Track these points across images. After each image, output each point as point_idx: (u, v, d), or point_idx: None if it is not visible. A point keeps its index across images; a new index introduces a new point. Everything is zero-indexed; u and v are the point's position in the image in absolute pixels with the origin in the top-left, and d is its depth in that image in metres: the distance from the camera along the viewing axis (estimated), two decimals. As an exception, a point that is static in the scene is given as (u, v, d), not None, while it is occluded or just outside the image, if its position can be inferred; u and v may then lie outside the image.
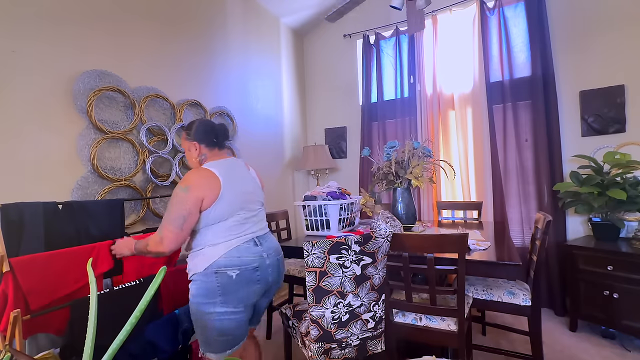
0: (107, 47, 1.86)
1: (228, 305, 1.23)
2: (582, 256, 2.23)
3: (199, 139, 1.37)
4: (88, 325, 0.49)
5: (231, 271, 1.23)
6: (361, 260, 1.30)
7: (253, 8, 3.10)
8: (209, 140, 1.38)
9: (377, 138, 3.45)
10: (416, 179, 2.01)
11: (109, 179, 1.80)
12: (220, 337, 1.24)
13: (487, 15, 2.88)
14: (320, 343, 1.31)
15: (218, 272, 1.22)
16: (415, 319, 1.46)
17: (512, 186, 2.82)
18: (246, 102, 2.96)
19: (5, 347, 0.56)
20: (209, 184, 1.24)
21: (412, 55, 3.23)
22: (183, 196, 1.20)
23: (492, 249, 1.60)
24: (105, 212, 1.55)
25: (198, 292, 1.24)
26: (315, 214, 2.05)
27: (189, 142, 1.38)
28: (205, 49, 2.53)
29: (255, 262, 1.28)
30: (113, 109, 1.87)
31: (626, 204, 2.17)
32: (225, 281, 1.22)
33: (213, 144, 1.39)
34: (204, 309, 1.23)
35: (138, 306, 0.49)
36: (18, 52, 1.50)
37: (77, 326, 1.20)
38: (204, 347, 1.28)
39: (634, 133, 2.41)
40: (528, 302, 1.61)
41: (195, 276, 1.26)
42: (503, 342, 2.18)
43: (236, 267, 1.24)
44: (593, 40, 2.55)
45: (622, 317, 2.02)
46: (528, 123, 2.77)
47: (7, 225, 1.21)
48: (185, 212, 1.19)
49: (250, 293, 1.28)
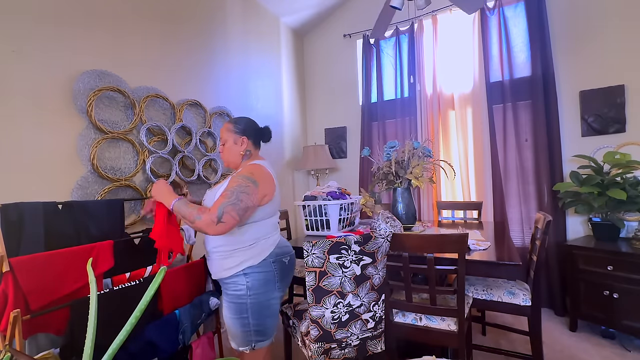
0: (107, 47, 1.86)
1: (282, 289, 1.38)
2: (582, 256, 2.23)
3: (249, 134, 1.44)
4: (88, 325, 0.49)
5: (284, 258, 1.39)
6: (361, 260, 1.30)
7: (253, 8, 3.10)
8: (257, 140, 1.48)
9: (377, 138, 3.45)
10: (416, 179, 2.01)
11: (109, 179, 1.80)
12: (274, 321, 1.37)
13: (487, 15, 2.88)
14: (320, 343, 1.31)
15: (276, 260, 1.35)
16: (415, 319, 1.46)
17: (512, 186, 2.82)
18: (246, 102, 2.96)
19: (5, 347, 0.56)
20: (270, 183, 1.34)
21: (412, 55, 3.23)
22: (253, 188, 1.26)
23: (492, 249, 1.60)
24: (105, 212, 1.54)
25: (255, 283, 1.30)
26: (315, 214, 2.05)
27: (236, 136, 1.43)
28: (205, 49, 2.53)
29: (292, 250, 1.48)
30: (113, 109, 1.87)
31: (626, 204, 2.17)
32: (281, 267, 1.37)
33: (258, 144, 1.50)
34: (263, 299, 1.31)
35: (138, 306, 0.49)
36: (18, 52, 1.50)
37: (77, 326, 1.20)
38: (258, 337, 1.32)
39: (634, 133, 2.41)
40: (528, 302, 1.61)
41: (249, 269, 1.30)
42: (503, 342, 2.18)
43: (287, 254, 1.42)
44: (593, 40, 2.55)
45: (622, 317, 2.02)
46: (528, 123, 2.77)
47: (7, 225, 1.21)
48: (251, 203, 1.25)
49: (292, 277, 1.47)
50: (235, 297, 1.31)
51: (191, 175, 2.30)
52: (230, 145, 1.43)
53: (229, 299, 1.33)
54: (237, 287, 1.30)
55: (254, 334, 1.32)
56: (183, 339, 1.52)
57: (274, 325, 1.37)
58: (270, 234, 1.38)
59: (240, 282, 1.30)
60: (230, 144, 1.43)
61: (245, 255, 1.31)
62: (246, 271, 1.30)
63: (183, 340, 1.53)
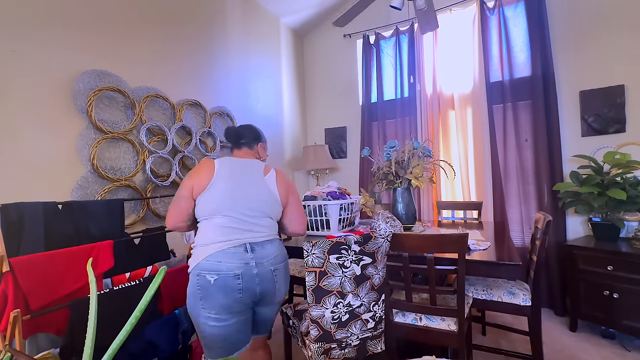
0: (107, 47, 1.86)
1: (210, 310, 1.18)
2: (582, 256, 2.23)
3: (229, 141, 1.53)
4: (88, 325, 0.49)
5: (209, 275, 1.17)
6: (361, 260, 1.30)
7: (253, 8, 3.10)
8: (233, 143, 1.52)
9: (377, 138, 3.45)
10: (416, 179, 2.01)
11: (109, 179, 1.80)
12: (212, 343, 1.21)
13: (487, 15, 2.88)
14: (320, 343, 1.31)
15: (199, 275, 1.19)
16: (415, 319, 1.46)
17: (512, 186, 2.82)
18: (246, 102, 2.96)
19: (5, 347, 0.56)
20: (201, 171, 1.30)
21: (412, 55, 3.23)
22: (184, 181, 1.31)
23: (492, 249, 1.60)
24: (105, 212, 1.54)
25: (188, 290, 1.24)
26: (315, 214, 2.04)
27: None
28: (205, 49, 2.53)
29: (238, 269, 1.19)
30: (113, 109, 1.87)
31: (626, 204, 2.17)
32: (204, 284, 1.18)
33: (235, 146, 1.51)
34: (191, 309, 1.23)
35: (138, 306, 0.49)
36: (18, 52, 1.50)
37: (77, 326, 1.20)
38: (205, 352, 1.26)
39: (634, 133, 2.41)
40: (528, 302, 1.61)
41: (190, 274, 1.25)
42: (503, 342, 2.18)
43: (214, 272, 1.17)
44: (593, 40, 2.55)
45: (622, 317, 2.02)
46: (528, 123, 2.77)
47: (7, 225, 1.21)
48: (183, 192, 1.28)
49: (233, 302, 1.18)
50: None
51: (191, 175, 2.30)
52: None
53: None
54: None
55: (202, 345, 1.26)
56: (183, 339, 1.53)
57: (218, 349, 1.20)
58: (209, 242, 1.21)
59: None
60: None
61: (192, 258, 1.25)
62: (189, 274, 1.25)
63: (183, 340, 1.53)
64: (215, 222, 1.24)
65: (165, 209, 2.10)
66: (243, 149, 1.48)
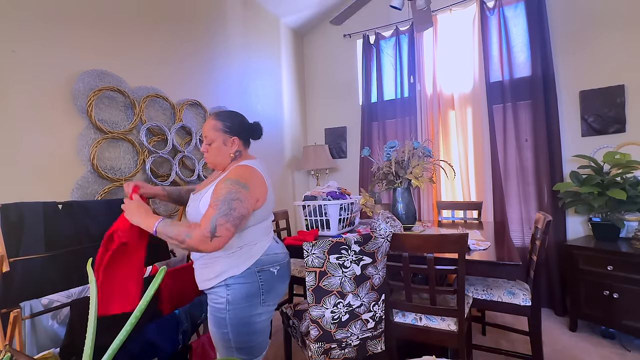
0: (107, 47, 1.86)
1: (269, 303, 1.21)
2: (582, 256, 2.23)
3: (239, 134, 1.28)
4: (88, 325, 0.49)
5: (273, 267, 1.22)
6: (361, 260, 1.30)
7: (253, 8, 3.10)
8: (247, 138, 1.33)
9: (377, 138, 3.45)
10: (416, 179, 2.01)
11: (109, 179, 1.80)
12: (260, 339, 1.20)
13: (487, 15, 2.88)
14: (320, 343, 1.31)
15: (261, 271, 1.19)
16: (415, 319, 1.46)
17: (512, 186, 2.82)
18: (246, 102, 2.96)
19: (5, 347, 0.56)
20: (261, 185, 1.20)
21: (412, 55, 3.23)
22: (245, 194, 1.09)
23: (492, 249, 1.60)
24: (105, 212, 1.54)
25: (236, 296, 1.15)
26: (315, 214, 2.04)
27: (226, 136, 1.25)
28: (205, 49, 2.53)
29: (286, 257, 1.32)
30: (113, 109, 1.87)
31: (626, 204, 2.17)
32: (268, 278, 1.20)
33: (248, 142, 1.36)
34: (243, 314, 1.15)
35: (138, 306, 0.49)
36: (18, 52, 1.50)
37: (77, 326, 1.20)
38: (241, 355, 1.18)
39: (634, 133, 2.41)
40: (528, 302, 1.61)
41: (231, 280, 1.15)
42: (503, 342, 2.18)
43: (276, 263, 1.24)
44: (593, 40, 2.55)
45: (622, 317, 2.02)
46: (528, 123, 2.77)
47: (7, 225, 1.21)
48: (246, 211, 1.09)
49: (284, 288, 1.29)
50: (215, 310, 1.17)
51: (191, 175, 2.30)
52: (218, 146, 1.25)
53: (210, 310, 1.20)
54: (218, 300, 1.16)
55: (236, 352, 1.17)
56: (183, 339, 1.52)
57: (261, 344, 1.22)
58: (259, 240, 1.22)
59: (221, 293, 1.16)
60: (219, 145, 1.25)
61: (225, 265, 1.16)
62: (228, 282, 1.15)
63: (183, 340, 1.53)
64: (263, 225, 1.26)
65: (165, 209, 2.09)
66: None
